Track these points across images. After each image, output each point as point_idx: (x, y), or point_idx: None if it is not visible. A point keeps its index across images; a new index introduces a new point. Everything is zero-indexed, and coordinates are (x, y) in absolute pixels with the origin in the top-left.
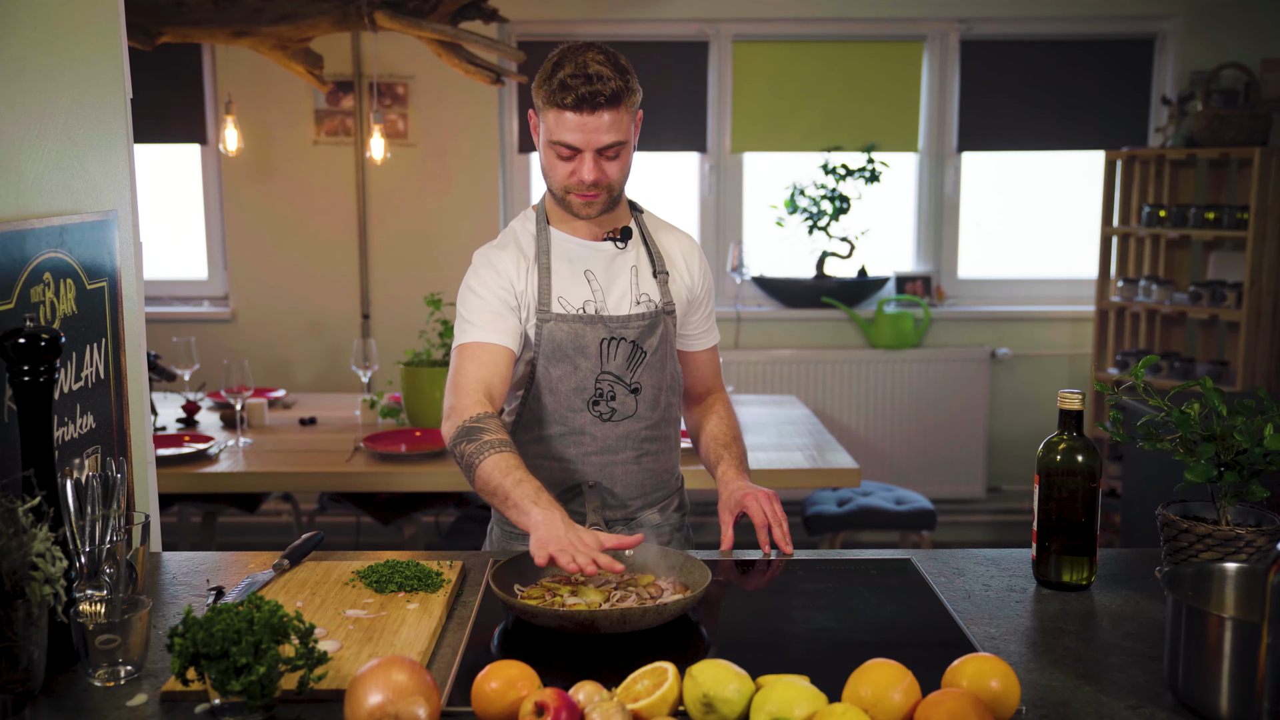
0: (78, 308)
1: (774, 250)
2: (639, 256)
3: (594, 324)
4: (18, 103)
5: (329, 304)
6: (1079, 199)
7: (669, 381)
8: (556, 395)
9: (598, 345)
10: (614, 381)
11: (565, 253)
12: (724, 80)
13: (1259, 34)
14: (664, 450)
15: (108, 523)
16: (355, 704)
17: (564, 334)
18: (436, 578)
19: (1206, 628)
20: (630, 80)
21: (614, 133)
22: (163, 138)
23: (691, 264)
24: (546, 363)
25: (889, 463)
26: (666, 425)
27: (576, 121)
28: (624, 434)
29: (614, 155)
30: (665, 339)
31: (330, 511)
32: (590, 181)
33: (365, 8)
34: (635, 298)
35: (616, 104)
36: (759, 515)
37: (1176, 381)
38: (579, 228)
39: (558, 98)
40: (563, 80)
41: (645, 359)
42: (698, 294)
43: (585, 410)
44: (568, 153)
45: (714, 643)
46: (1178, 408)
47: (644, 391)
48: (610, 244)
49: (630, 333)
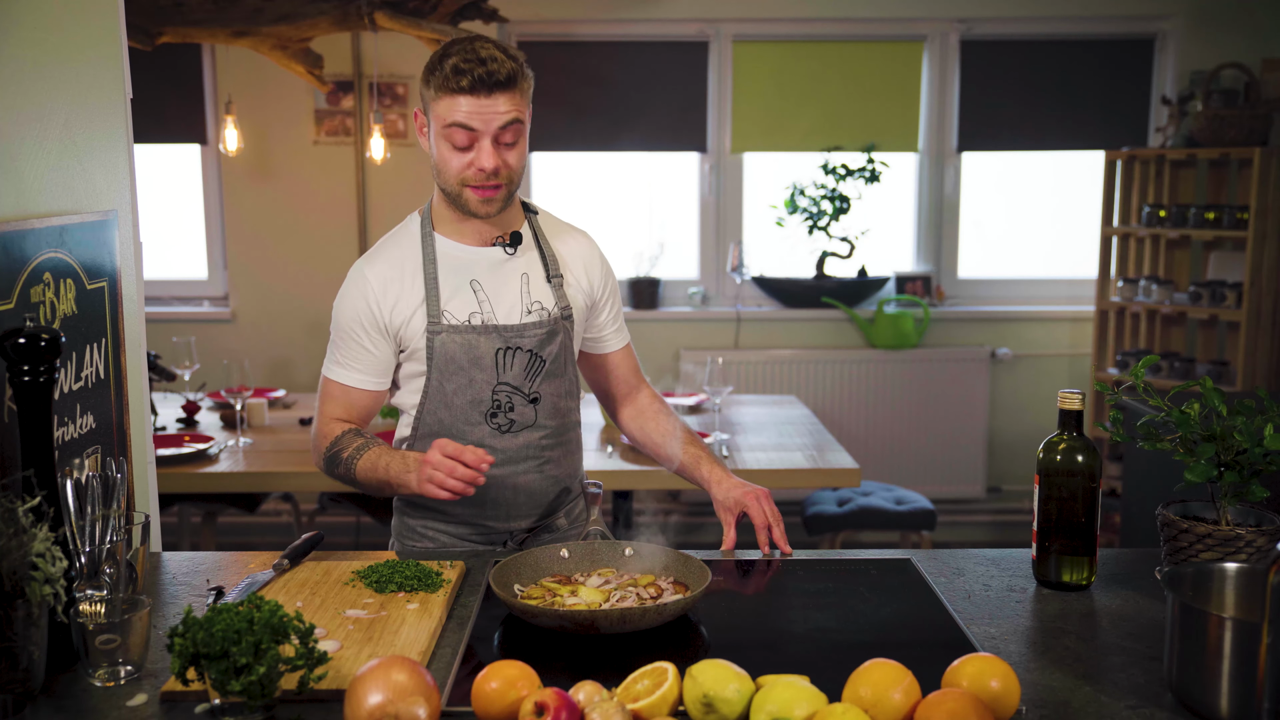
0: (78, 308)
1: (774, 250)
2: (530, 262)
3: (488, 334)
4: (18, 103)
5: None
6: (1079, 199)
7: (567, 387)
8: (452, 409)
9: (493, 356)
10: (512, 392)
11: (450, 261)
12: (724, 80)
13: (1259, 34)
14: (565, 456)
15: (108, 523)
16: (355, 704)
17: (457, 346)
18: (436, 578)
19: (1206, 628)
20: (523, 63)
21: (511, 112)
22: (163, 138)
23: (591, 266)
24: (440, 376)
25: (889, 463)
26: (566, 431)
27: (473, 104)
28: (524, 444)
29: (512, 141)
30: (564, 346)
31: (330, 511)
32: (490, 170)
33: (365, 8)
34: (527, 306)
35: (512, 86)
36: (760, 516)
37: (1176, 381)
38: (466, 232)
39: (452, 82)
40: (455, 65)
41: (545, 367)
42: (598, 296)
43: (483, 423)
44: (465, 139)
45: (714, 643)
46: (1178, 408)
47: (543, 400)
48: (499, 249)
49: (527, 342)
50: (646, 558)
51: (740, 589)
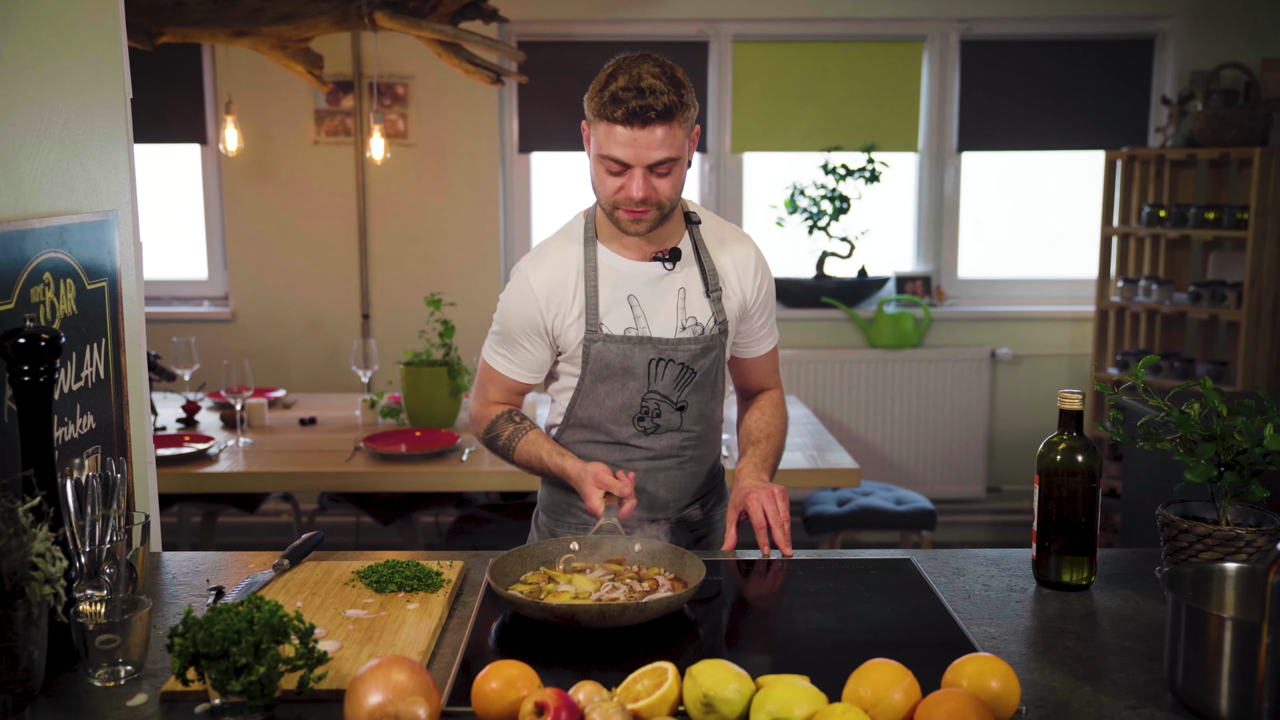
0: (78, 308)
1: (774, 250)
2: (689, 277)
3: (642, 345)
4: (18, 103)
5: (329, 304)
6: (1079, 199)
7: (714, 394)
8: (602, 409)
9: (645, 366)
10: (661, 400)
11: (610, 274)
12: (724, 80)
13: (1259, 34)
14: (706, 454)
15: (108, 523)
16: (355, 704)
17: (612, 354)
18: (436, 578)
19: (1206, 628)
20: (685, 95)
21: (665, 149)
22: (163, 138)
23: (745, 275)
24: (594, 379)
25: (889, 463)
26: (708, 430)
27: (627, 136)
28: (667, 445)
29: (665, 172)
30: (717, 359)
31: (330, 511)
32: (640, 199)
33: (365, 8)
34: (681, 322)
35: (669, 119)
36: (758, 516)
37: (1176, 381)
38: (628, 245)
39: (608, 110)
40: (614, 93)
41: (695, 379)
42: (750, 304)
43: (630, 425)
44: (617, 168)
45: (714, 643)
46: (1178, 408)
47: (690, 408)
48: (658, 264)
49: (681, 355)
50: (652, 553)
51: (740, 589)
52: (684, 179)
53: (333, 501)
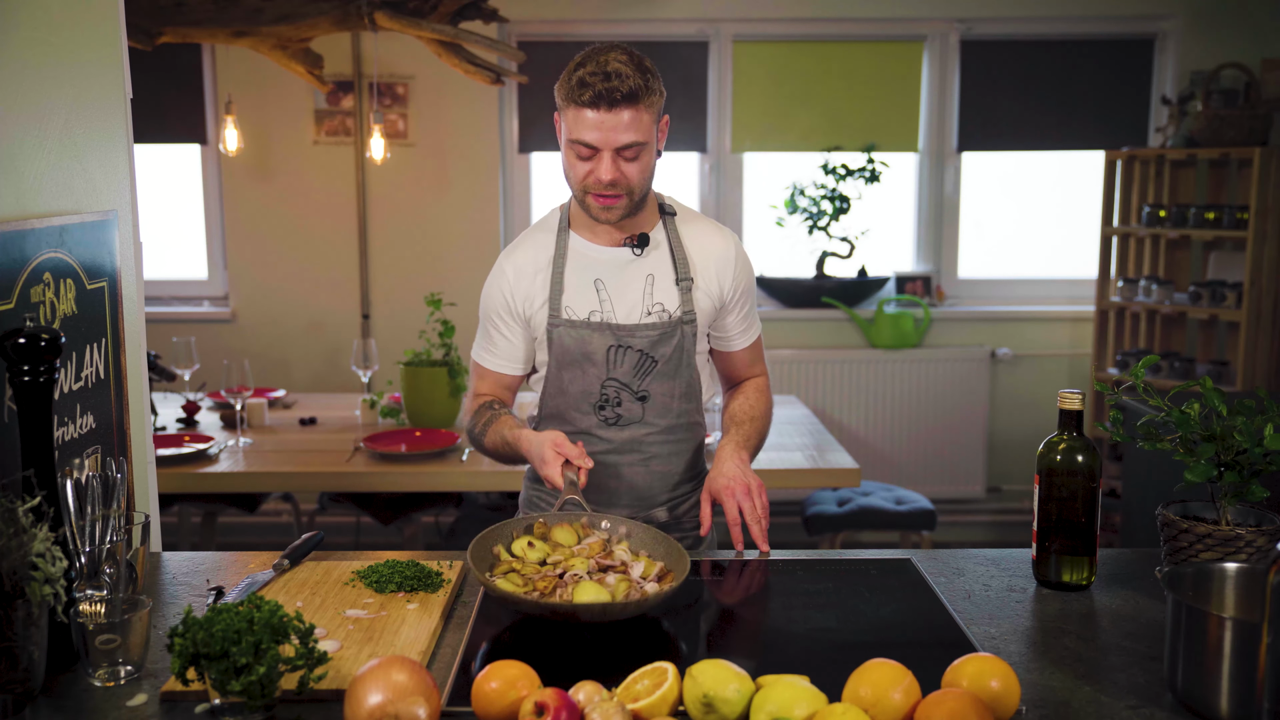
0: (78, 308)
1: (774, 250)
2: (658, 264)
3: (601, 331)
4: (18, 103)
5: (329, 304)
6: (1079, 199)
7: (683, 389)
8: (566, 397)
9: (604, 352)
10: (620, 388)
11: (579, 260)
12: (724, 80)
13: (1259, 34)
14: (676, 455)
15: (108, 523)
16: (355, 704)
17: (571, 340)
18: (436, 578)
19: (1206, 628)
20: (651, 81)
21: (632, 132)
22: (163, 138)
23: (724, 270)
24: (558, 366)
25: (889, 463)
26: (679, 430)
27: (594, 119)
28: (630, 439)
29: (633, 156)
30: (681, 348)
31: (330, 511)
32: (608, 181)
33: (365, 8)
34: (647, 308)
35: (635, 102)
36: (732, 511)
37: (1176, 381)
38: (599, 233)
39: (576, 94)
40: (581, 78)
41: (655, 368)
42: (728, 299)
43: (592, 414)
44: (586, 152)
45: (714, 643)
46: (1178, 408)
47: (652, 399)
48: (626, 250)
49: (638, 342)
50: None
51: (741, 589)
52: (653, 167)
53: (333, 501)
